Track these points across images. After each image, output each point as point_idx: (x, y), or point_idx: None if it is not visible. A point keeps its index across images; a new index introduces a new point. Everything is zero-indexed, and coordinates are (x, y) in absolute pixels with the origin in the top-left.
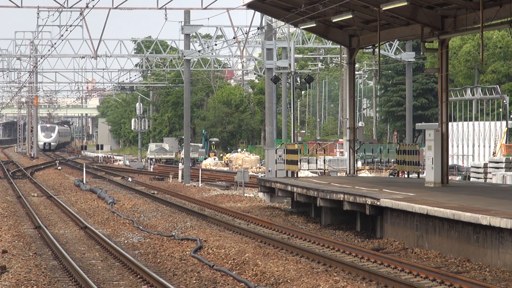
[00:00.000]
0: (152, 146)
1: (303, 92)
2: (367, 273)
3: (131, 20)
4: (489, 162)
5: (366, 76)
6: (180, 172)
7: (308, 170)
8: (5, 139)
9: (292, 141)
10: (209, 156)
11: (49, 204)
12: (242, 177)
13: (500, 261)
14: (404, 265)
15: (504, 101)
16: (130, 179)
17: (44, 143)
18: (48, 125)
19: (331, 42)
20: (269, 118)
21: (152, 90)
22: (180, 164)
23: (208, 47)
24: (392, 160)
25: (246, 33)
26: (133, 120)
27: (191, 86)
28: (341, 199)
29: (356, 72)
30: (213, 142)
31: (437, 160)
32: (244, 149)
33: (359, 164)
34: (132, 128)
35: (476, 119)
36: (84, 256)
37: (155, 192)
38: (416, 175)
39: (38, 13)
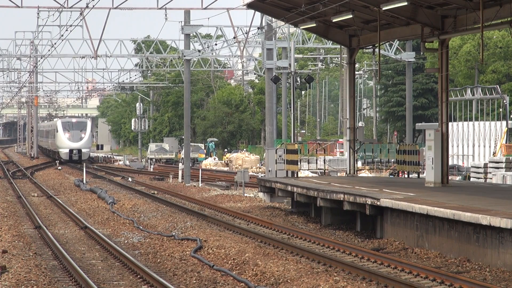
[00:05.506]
0: (152, 146)
1: (303, 92)
2: (367, 273)
3: (131, 20)
4: (489, 162)
5: (366, 76)
6: (180, 172)
7: (308, 170)
8: (5, 139)
9: (292, 141)
10: (209, 156)
11: (49, 204)
12: (242, 177)
13: (500, 261)
14: (404, 265)
15: (504, 101)
16: (130, 179)
17: (70, 151)
18: (74, 120)
19: (331, 42)
20: (269, 118)
21: (152, 90)
22: (180, 164)
23: (208, 47)
24: (392, 160)
25: (246, 33)
26: (133, 120)
27: (191, 86)
28: (341, 199)
29: (356, 72)
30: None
31: (437, 160)
32: (244, 149)
33: (359, 164)
34: (132, 128)
35: (476, 119)
36: (84, 256)
37: (155, 192)
38: (416, 175)
39: (38, 13)
